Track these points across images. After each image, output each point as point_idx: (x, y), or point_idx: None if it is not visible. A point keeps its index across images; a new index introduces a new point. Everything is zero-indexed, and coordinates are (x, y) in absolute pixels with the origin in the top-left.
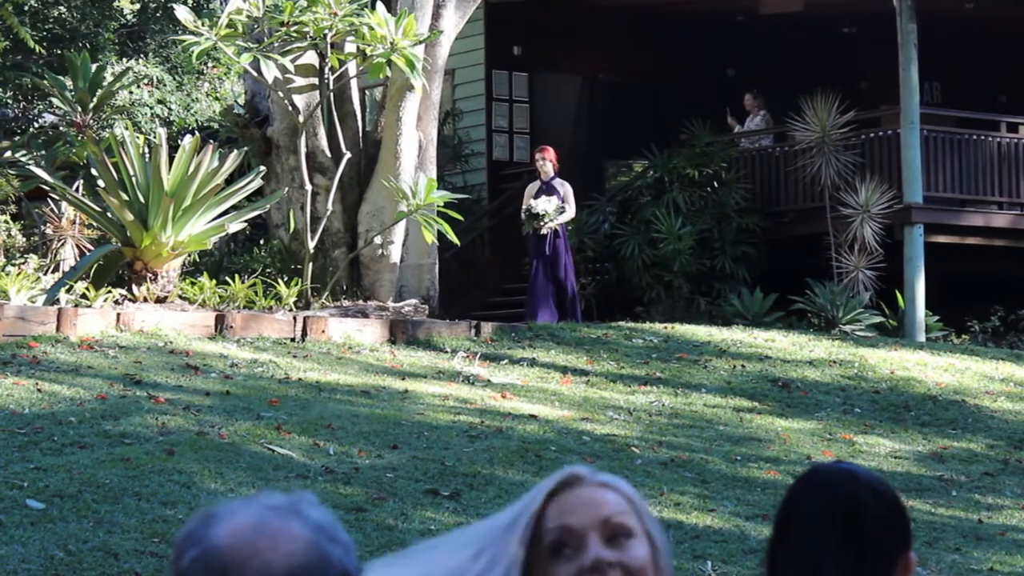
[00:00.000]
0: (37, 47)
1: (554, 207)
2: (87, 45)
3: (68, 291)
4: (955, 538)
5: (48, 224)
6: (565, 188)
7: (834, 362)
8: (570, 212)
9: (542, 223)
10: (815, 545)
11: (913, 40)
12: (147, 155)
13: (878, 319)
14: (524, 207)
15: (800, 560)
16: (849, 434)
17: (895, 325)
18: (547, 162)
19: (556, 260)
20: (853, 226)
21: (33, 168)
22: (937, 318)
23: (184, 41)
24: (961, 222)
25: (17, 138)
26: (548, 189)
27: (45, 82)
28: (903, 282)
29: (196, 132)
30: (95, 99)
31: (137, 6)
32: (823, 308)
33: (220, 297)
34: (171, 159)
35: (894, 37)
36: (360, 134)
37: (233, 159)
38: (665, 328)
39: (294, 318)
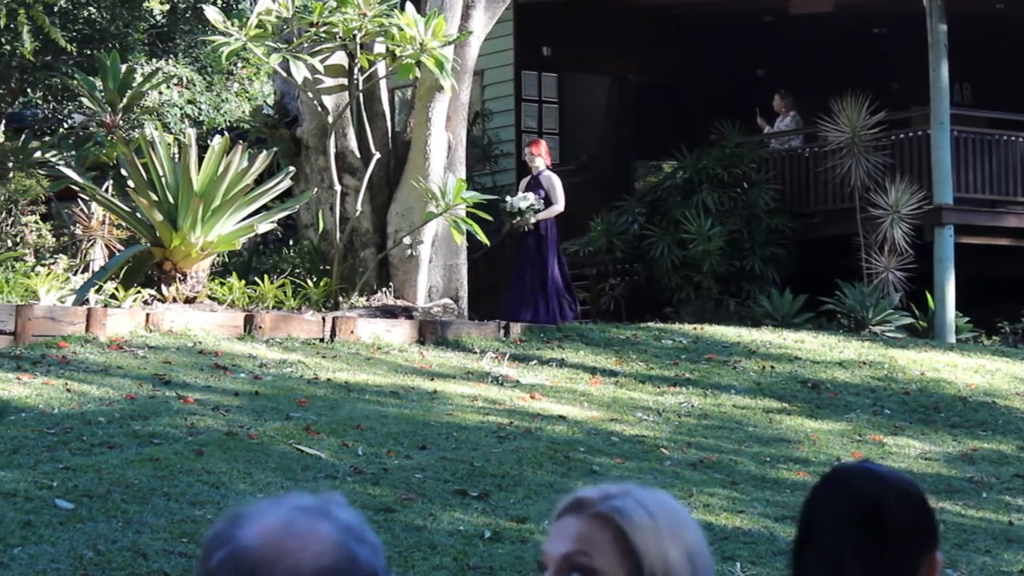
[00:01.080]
0: (68, 46)
1: (528, 204)
2: (116, 45)
3: (97, 291)
4: (985, 540)
5: (78, 224)
6: (551, 182)
7: (864, 363)
8: (556, 207)
9: (520, 220)
10: (837, 545)
11: (943, 40)
12: (176, 155)
13: (908, 320)
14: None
15: (823, 560)
16: (879, 435)
17: (925, 326)
18: (534, 156)
19: (537, 258)
20: (883, 227)
21: (63, 168)
22: (967, 319)
23: (213, 41)
24: (992, 223)
25: (47, 138)
26: (534, 183)
27: (75, 82)
28: (933, 283)
29: (225, 132)
30: (125, 99)
31: (167, 6)
32: (853, 309)
33: (249, 297)
34: (200, 159)
35: (924, 37)
36: (389, 135)
37: (262, 160)
38: (694, 329)
39: (323, 318)
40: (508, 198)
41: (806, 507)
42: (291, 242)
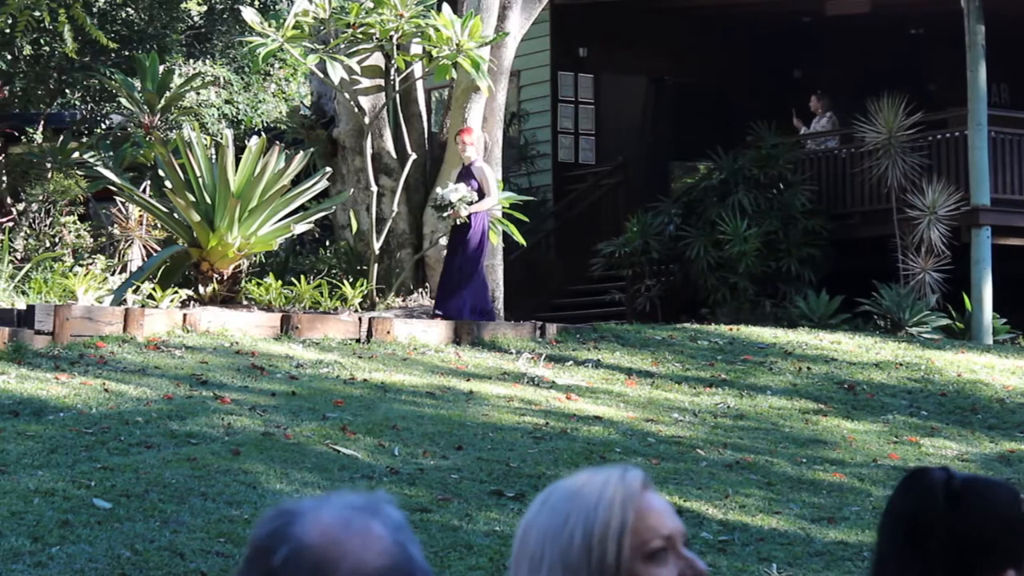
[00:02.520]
0: (109, 44)
1: (460, 196)
2: (154, 46)
3: (135, 291)
4: None
5: (115, 225)
6: (483, 173)
7: (900, 364)
8: (490, 199)
9: (451, 213)
10: (881, 553)
11: (981, 41)
12: (213, 156)
13: (945, 321)
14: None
15: (873, 566)
16: (915, 437)
17: (962, 328)
18: (465, 145)
19: (458, 250)
20: (920, 228)
21: (101, 169)
22: (1004, 321)
23: (251, 42)
24: None
25: (85, 139)
26: (466, 174)
27: (114, 82)
28: (970, 284)
29: (262, 133)
30: (163, 100)
31: (204, 7)
32: (889, 310)
33: (286, 298)
34: (237, 160)
35: (962, 38)
36: (426, 135)
37: (299, 160)
38: (730, 330)
39: (359, 319)
40: (437, 190)
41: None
42: (328, 243)
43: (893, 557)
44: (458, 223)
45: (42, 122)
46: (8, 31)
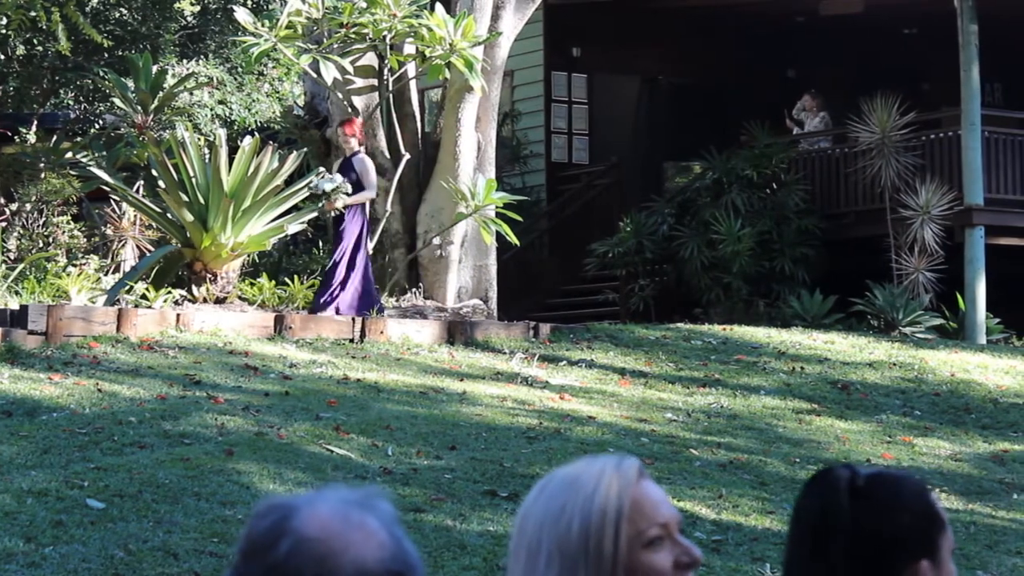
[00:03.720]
0: (105, 42)
1: (335, 186)
2: (148, 46)
3: (128, 292)
4: (1016, 542)
5: (109, 225)
6: (363, 164)
7: (894, 364)
8: (367, 192)
9: (325, 203)
10: (788, 557)
11: (974, 41)
12: (207, 156)
13: (938, 321)
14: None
15: (782, 569)
16: (909, 436)
17: (955, 327)
18: (348, 136)
19: (338, 244)
20: (913, 228)
21: (94, 169)
22: (998, 320)
23: (244, 42)
24: (1023, 224)
25: (78, 139)
26: (346, 166)
27: (107, 82)
28: (963, 284)
29: (256, 133)
30: (156, 100)
31: (197, 7)
32: (883, 310)
33: (279, 298)
34: (231, 160)
35: (955, 38)
36: (419, 135)
37: (292, 160)
38: (724, 330)
39: (352, 319)
40: (314, 179)
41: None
42: (321, 243)
43: (798, 560)
44: (333, 215)
45: (35, 122)
46: (2, 30)
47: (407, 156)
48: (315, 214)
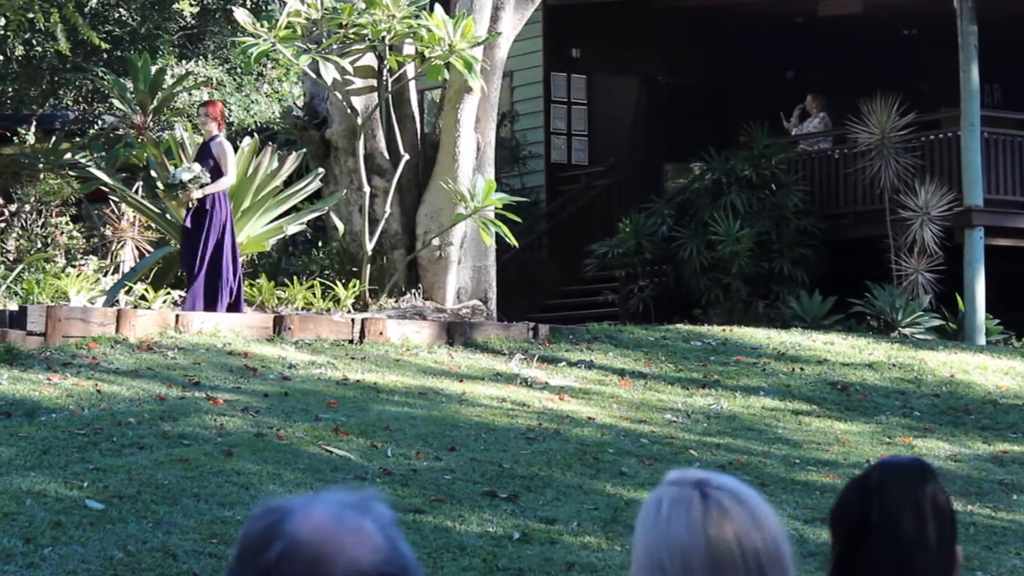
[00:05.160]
0: (102, 44)
1: (192, 175)
2: (146, 47)
3: (127, 292)
4: (1015, 542)
5: (108, 226)
6: (222, 148)
7: (893, 365)
8: (226, 179)
9: (182, 194)
10: (905, 537)
11: (973, 42)
12: None
13: (938, 322)
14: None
15: (888, 554)
16: (908, 437)
17: (955, 328)
18: (208, 119)
19: (199, 238)
20: (913, 229)
21: (93, 170)
22: (997, 321)
23: (243, 43)
24: (1022, 224)
25: (77, 140)
26: (204, 151)
27: (106, 83)
28: (963, 285)
29: (255, 134)
30: (155, 101)
31: (196, 8)
32: (882, 311)
33: (278, 299)
34: None
35: (955, 39)
36: (418, 136)
37: (292, 161)
38: (723, 331)
39: (352, 320)
40: (171, 169)
41: (862, 502)
42: (320, 243)
43: (918, 540)
44: (191, 206)
45: (34, 123)
46: (1, 31)
47: (406, 157)
48: (315, 214)
